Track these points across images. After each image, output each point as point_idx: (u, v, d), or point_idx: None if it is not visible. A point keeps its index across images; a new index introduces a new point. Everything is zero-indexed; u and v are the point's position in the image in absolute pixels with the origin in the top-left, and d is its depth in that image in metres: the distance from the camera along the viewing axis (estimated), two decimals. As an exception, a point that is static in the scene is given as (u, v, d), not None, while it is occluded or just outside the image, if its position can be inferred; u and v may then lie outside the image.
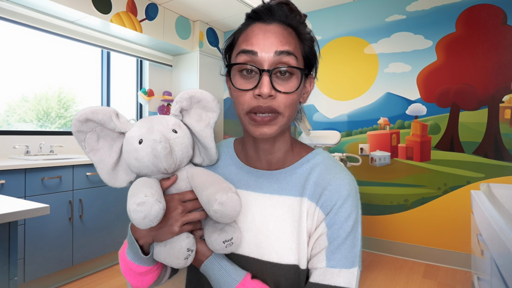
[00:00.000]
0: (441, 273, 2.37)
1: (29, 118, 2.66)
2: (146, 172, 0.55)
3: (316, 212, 0.56)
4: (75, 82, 2.95)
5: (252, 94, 0.53)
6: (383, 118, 2.77)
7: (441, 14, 2.53)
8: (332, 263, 0.53)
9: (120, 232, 2.50)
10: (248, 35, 0.54)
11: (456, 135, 2.48)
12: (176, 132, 0.56)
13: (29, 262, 1.94)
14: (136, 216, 0.48)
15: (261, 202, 0.59)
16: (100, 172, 0.58)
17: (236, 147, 0.68)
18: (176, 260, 0.54)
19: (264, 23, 0.54)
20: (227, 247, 0.54)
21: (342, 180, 0.57)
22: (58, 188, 2.10)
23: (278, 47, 0.52)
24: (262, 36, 0.53)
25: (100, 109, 0.54)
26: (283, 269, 0.55)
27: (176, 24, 3.23)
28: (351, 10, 2.93)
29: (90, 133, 0.56)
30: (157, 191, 0.51)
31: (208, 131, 0.59)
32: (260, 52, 0.52)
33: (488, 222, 1.15)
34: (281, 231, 0.56)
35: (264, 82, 0.51)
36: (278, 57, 0.52)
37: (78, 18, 2.52)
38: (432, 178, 2.56)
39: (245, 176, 0.62)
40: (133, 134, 0.55)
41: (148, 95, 3.27)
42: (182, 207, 0.55)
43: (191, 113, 0.60)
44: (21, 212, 0.94)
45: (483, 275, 1.33)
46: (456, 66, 2.48)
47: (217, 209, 0.49)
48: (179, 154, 0.55)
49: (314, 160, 0.61)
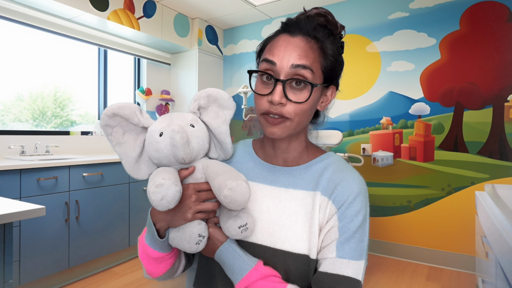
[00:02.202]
0: (445, 276, 2.36)
1: (24, 117, 2.65)
2: (166, 162, 0.60)
3: (328, 206, 0.61)
4: (72, 81, 2.94)
5: (267, 98, 0.59)
6: (386, 118, 2.75)
7: (445, 11, 2.52)
8: (341, 254, 0.57)
9: (118, 234, 2.49)
10: (273, 45, 0.61)
11: (460, 135, 2.47)
12: (194, 127, 0.61)
13: (24, 264, 1.93)
14: (155, 197, 0.52)
15: (276, 195, 0.64)
16: (124, 164, 0.63)
17: (254, 146, 0.74)
18: (187, 245, 0.57)
19: (289, 35, 0.60)
20: (243, 232, 0.58)
21: (354, 178, 0.62)
22: (54, 189, 2.09)
23: (295, 61, 0.57)
24: (284, 48, 0.58)
25: (126, 104, 0.60)
26: (294, 258, 0.58)
27: (175, 21, 3.21)
28: (353, 8, 2.91)
29: (116, 127, 0.61)
30: (175, 175, 0.57)
31: (224, 127, 0.65)
32: (279, 63, 0.58)
33: (493, 223, 1.15)
34: (294, 222, 0.60)
35: (277, 90, 0.57)
36: (294, 70, 0.57)
37: (74, 15, 2.52)
38: (436, 179, 2.55)
39: (262, 171, 0.68)
40: (154, 128, 0.60)
41: (146, 94, 3.25)
42: (196, 196, 0.60)
43: (208, 111, 0.65)
44: (16, 213, 0.94)
45: (488, 277, 1.32)
46: (460, 64, 2.46)
47: (227, 194, 0.53)
48: (195, 146, 0.60)
49: (327, 160, 0.67)
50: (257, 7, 3.10)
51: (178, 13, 3.24)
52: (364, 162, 2.78)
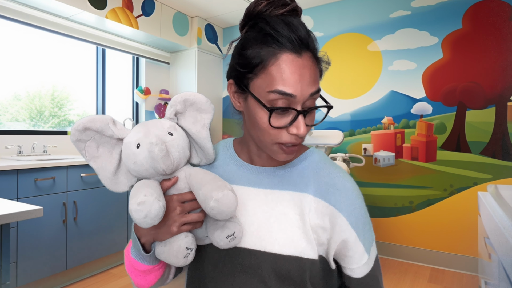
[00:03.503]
0: (447, 278, 2.34)
1: (21, 117, 2.64)
2: (146, 175, 0.58)
3: (326, 209, 0.59)
4: (69, 80, 2.93)
5: (286, 130, 0.55)
6: (387, 117, 2.73)
7: (447, 10, 2.50)
8: (369, 255, 0.61)
9: (116, 235, 2.48)
10: (283, 71, 0.53)
11: (463, 135, 2.45)
12: (172, 135, 0.59)
13: (21, 266, 1.92)
14: (138, 216, 0.50)
15: (262, 197, 0.62)
16: (102, 179, 0.61)
17: (235, 147, 0.71)
18: (175, 259, 0.56)
19: (295, 55, 0.53)
20: (231, 242, 0.57)
21: (348, 180, 0.62)
22: (51, 189, 2.08)
23: (312, 89, 0.54)
24: (299, 77, 0.53)
25: (97, 117, 0.57)
26: (285, 260, 0.57)
27: (174, 20, 3.19)
28: (354, 6, 2.89)
29: (89, 141, 0.59)
30: (157, 190, 0.54)
31: (204, 132, 0.62)
32: (299, 95, 0.53)
33: (496, 224, 1.14)
34: (282, 223, 0.59)
35: (301, 123, 0.54)
36: (312, 98, 0.55)
37: (72, 14, 2.50)
38: (438, 179, 2.53)
39: (246, 173, 0.66)
40: (130, 140, 0.58)
41: (145, 93, 3.24)
42: (180, 207, 0.57)
43: (186, 116, 0.63)
44: (13, 214, 0.94)
45: (491, 279, 1.31)
46: (463, 63, 2.45)
47: (213, 205, 0.51)
48: (176, 155, 0.58)
49: (311, 157, 0.66)
50: (257, 5, 3.08)
51: (177, 12, 3.22)
52: (365, 163, 2.77)
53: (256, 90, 0.56)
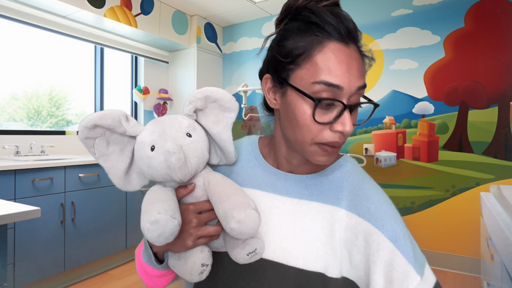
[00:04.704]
0: (449, 279, 2.33)
1: (19, 117, 2.63)
2: (160, 179, 0.54)
3: (362, 226, 0.54)
4: (67, 80, 2.92)
5: (330, 127, 0.51)
6: (389, 117, 2.73)
7: (449, 8, 2.49)
8: (421, 270, 0.50)
9: (115, 236, 2.47)
10: (330, 60, 0.49)
11: (465, 135, 2.44)
12: (191, 136, 0.53)
13: (19, 267, 1.91)
14: (151, 235, 0.47)
15: (289, 207, 0.58)
16: (112, 178, 0.56)
17: (261, 147, 0.66)
18: (189, 276, 0.53)
19: (343, 44, 0.50)
20: (251, 258, 0.53)
21: (382, 194, 0.57)
22: (49, 190, 2.07)
23: (360, 82, 0.50)
24: (346, 67, 0.49)
25: (109, 113, 0.52)
26: (308, 276, 0.53)
27: (173, 19, 3.18)
28: (355, 4, 2.88)
29: (99, 139, 0.54)
30: (171, 205, 0.49)
31: (227, 133, 0.57)
32: (346, 87, 0.49)
33: (498, 225, 1.13)
34: (309, 237, 0.55)
35: (348, 118, 0.49)
36: (359, 93, 0.51)
37: (70, 12, 2.49)
38: (440, 180, 2.52)
39: (272, 179, 0.61)
40: (144, 140, 0.53)
41: (144, 93, 3.23)
42: (197, 219, 0.53)
43: (206, 113, 0.57)
44: (10, 215, 0.93)
45: (493, 280, 1.30)
46: (465, 62, 2.44)
47: (234, 227, 0.47)
48: (194, 161, 0.53)
49: (345, 167, 0.60)
50: (257, 3, 3.07)
51: (176, 10, 3.21)
52: (366, 163, 2.76)
53: (298, 82, 0.51)
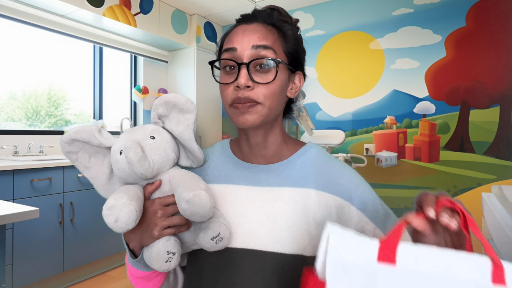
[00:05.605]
0: (450, 280, 2.31)
1: (17, 116, 2.64)
2: (131, 180, 0.58)
3: (333, 200, 0.59)
4: (66, 79, 2.92)
5: (233, 87, 0.58)
6: (390, 117, 2.72)
7: (451, 7, 2.48)
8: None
9: (114, 237, 2.46)
10: (230, 36, 0.61)
11: (466, 135, 2.43)
12: (154, 138, 0.59)
13: (17, 268, 1.91)
14: (108, 220, 0.50)
15: (262, 195, 0.61)
16: (96, 187, 0.63)
17: (232, 146, 0.72)
18: (156, 264, 0.55)
19: (245, 24, 0.61)
20: (218, 243, 0.55)
21: (349, 169, 0.64)
22: (48, 190, 2.07)
23: (256, 42, 0.58)
24: (242, 34, 0.59)
25: (83, 128, 0.59)
26: (287, 259, 0.56)
27: (172, 18, 3.18)
28: (356, 4, 2.88)
29: (80, 153, 0.61)
30: (131, 194, 0.53)
31: (188, 132, 0.61)
32: (240, 47, 0.58)
33: (500, 226, 1.14)
34: (283, 222, 0.58)
35: (242, 74, 0.56)
36: (256, 51, 0.57)
37: (69, 11, 2.49)
38: (441, 180, 2.52)
39: (243, 172, 0.65)
40: (114, 147, 0.58)
41: (143, 92, 3.24)
42: (162, 211, 0.57)
43: (170, 118, 0.63)
44: (9, 215, 0.94)
45: None
46: (467, 62, 2.43)
47: (185, 207, 0.51)
48: (156, 158, 0.57)
49: (310, 152, 0.66)
50: (257, 3, 3.06)
51: (175, 9, 3.20)
52: (367, 163, 2.77)
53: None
